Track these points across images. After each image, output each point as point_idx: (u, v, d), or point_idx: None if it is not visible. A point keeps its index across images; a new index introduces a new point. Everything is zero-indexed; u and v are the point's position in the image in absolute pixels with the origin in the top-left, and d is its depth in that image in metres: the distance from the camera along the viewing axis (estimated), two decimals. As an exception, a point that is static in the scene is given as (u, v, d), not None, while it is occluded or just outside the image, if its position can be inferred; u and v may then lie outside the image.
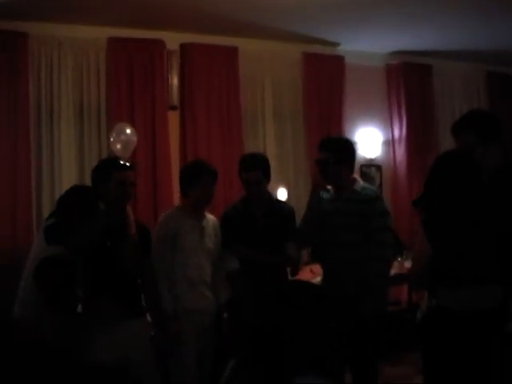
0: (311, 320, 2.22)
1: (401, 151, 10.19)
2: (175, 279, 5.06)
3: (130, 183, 4.68)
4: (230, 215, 5.43)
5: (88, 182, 8.06)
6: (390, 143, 10.27)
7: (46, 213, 7.88)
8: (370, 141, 9.96)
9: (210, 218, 5.36)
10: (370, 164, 10.02)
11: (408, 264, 7.57)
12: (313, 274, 7.82)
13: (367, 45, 9.65)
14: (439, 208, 3.85)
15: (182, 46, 8.77)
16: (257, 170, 5.24)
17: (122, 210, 4.68)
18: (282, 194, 8.80)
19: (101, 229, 4.28)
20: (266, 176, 5.30)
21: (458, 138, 4.05)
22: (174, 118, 8.71)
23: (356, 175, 5.27)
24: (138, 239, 4.69)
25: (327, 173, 5.07)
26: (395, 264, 7.99)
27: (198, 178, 5.11)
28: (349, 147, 5.25)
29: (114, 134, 7.74)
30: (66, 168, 8.09)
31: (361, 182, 5.17)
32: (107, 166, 4.71)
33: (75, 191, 4.42)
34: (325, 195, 5.20)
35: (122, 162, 4.76)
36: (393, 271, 7.66)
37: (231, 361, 2.55)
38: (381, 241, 4.92)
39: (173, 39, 8.67)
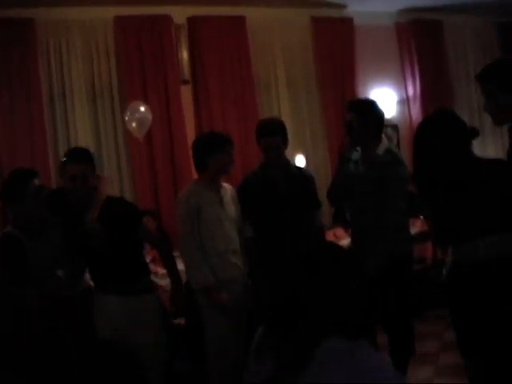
0: (329, 282, 2.21)
1: (416, 109, 10.15)
2: (205, 252, 5.05)
3: (82, 177, 4.38)
4: (249, 182, 5.39)
5: (106, 162, 8.21)
6: (404, 102, 10.23)
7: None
8: (384, 101, 9.90)
9: (227, 187, 5.32)
10: (386, 124, 9.90)
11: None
12: (336, 237, 7.84)
13: (375, 4, 9.52)
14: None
15: (190, 20, 8.74)
16: (275, 135, 5.18)
17: (81, 201, 4.49)
18: (300, 161, 8.79)
19: (40, 208, 4.44)
20: (284, 141, 5.28)
21: (482, 86, 4.03)
22: (186, 92, 8.69)
23: (383, 136, 5.16)
24: (114, 213, 4.53)
25: (352, 134, 5.04)
26: (418, 221, 8.00)
27: (219, 145, 5.03)
28: (373, 109, 5.10)
29: (129, 113, 7.76)
30: (82, 150, 8.12)
31: (385, 144, 5.07)
32: (64, 159, 4.58)
33: (8, 177, 4.58)
34: (353, 156, 5.17)
35: (73, 155, 4.55)
36: (416, 229, 7.70)
37: (259, 328, 2.56)
38: (397, 208, 4.93)
39: (180, 13, 8.63)
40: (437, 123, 3.91)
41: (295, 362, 2.17)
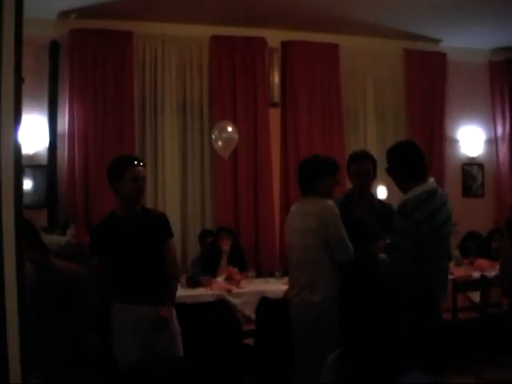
0: (408, 309, 2.20)
1: (504, 150, 9.95)
2: None
3: (143, 178, 4.75)
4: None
5: (190, 177, 8.35)
6: (492, 141, 10.06)
7: (149, 206, 8.08)
8: (472, 139, 9.81)
9: None
10: (472, 163, 9.86)
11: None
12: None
13: (469, 41, 9.46)
14: None
15: (283, 44, 8.85)
16: (367, 160, 5.27)
17: (137, 203, 4.76)
18: (381, 192, 8.74)
19: None
20: (374, 171, 5.29)
21: None
22: (274, 115, 8.79)
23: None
24: (155, 226, 4.73)
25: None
26: (497, 265, 7.83)
27: (331, 170, 5.03)
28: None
29: (216, 132, 7.85)
30: (168, 163, 8.29)
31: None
32: (122, 163, 4.77)
33: None
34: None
35: (134, 159, 4.87)
36: (494, 272, 7.55)
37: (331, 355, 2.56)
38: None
39: (274, 37, 8.76)
40: None
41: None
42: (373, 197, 5.49)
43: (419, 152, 4.65)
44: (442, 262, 4.57)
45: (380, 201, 5.75)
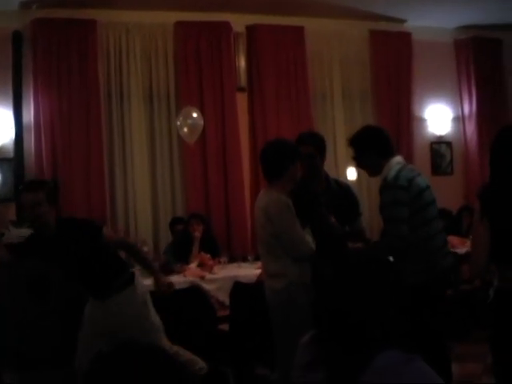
0: (377, 293, 2.20)
1: (471, 127, 10.03)
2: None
3: (31, 205, 4.46)
4: (294, 193, 5.26)
5: (159, 164, 8.33)
6: (459, 120, 10.12)
7: (118, 195, 8.10)
8: (439, 117, 9.85)
9: None
10: (440, 141, 9.92)
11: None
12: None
13: (434, 20, 9.46)
14: (502, 186, 3.70)
15: (248, 28, 8.81)
16: (307, 144, 5.13)
17: (39, 229, 4.64)
18: (351, 174, 8.76)
19: None
20: (320, 153, 5.22)
21: None
22: (242, 100, 8.75)
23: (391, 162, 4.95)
24: (77, 235, 4.62)
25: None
26: (468, 241, 7.89)
27: (297, 154, 4.84)
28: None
29: (181, 118, 7.80)
30: (137, 151, 8.24)
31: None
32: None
33: None
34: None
35: (25, 185, 4.78)
36: (465, 249, 7.60)
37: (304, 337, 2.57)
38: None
39: (239, 21, 8.71)
40: None
41: (349, 375, 2.15)
42: (328, 177, 5.41)
43: (385, 132, 4.99)
44: (429, 229, 4.70)
45: (337, 181, 5.67)
